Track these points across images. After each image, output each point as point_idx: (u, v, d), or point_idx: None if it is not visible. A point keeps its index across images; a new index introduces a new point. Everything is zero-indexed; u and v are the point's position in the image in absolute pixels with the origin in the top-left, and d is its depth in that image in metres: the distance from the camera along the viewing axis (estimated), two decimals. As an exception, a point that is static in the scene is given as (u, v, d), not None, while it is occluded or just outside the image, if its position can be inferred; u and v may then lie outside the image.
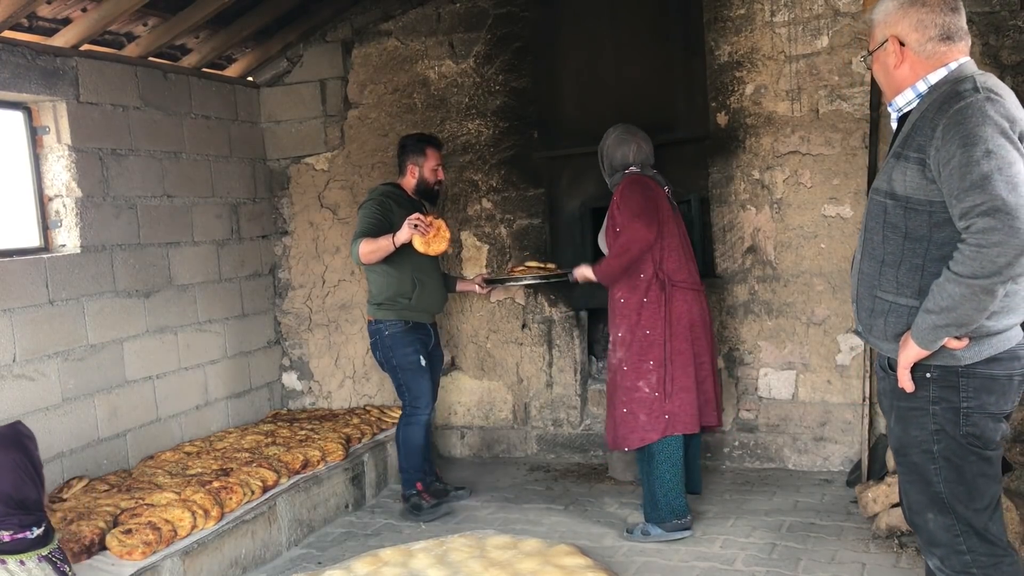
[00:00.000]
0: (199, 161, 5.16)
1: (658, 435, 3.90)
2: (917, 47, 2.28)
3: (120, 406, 4.52)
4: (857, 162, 4.58)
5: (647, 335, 3.90)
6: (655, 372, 3.90)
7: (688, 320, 3.94)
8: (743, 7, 4.76)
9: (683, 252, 3.99)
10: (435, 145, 4.61)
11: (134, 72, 4.69)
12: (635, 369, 3.93)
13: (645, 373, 3.92)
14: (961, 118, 2.11)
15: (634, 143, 4.03)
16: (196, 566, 3.64)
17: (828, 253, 4.71)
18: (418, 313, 4.51)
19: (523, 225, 5.34)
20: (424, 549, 3.87)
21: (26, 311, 4.03)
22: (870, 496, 3.85)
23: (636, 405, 3.93)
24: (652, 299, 3.90)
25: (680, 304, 3.92)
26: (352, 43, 5.58)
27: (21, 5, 3.72)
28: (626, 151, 4.03)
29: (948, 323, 2.14)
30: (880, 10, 2.34)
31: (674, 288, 3.92)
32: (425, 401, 4.52)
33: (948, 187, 2.11)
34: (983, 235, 2.03)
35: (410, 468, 4.56)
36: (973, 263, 2.06)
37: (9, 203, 4.32)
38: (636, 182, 3.92)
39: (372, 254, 4.26)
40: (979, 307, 2.10)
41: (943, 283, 2.12)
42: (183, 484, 4.02)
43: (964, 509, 2.26)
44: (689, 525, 4.00)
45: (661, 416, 3.90)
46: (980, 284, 2.06)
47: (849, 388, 4.71)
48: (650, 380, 3.92)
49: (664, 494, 3.94)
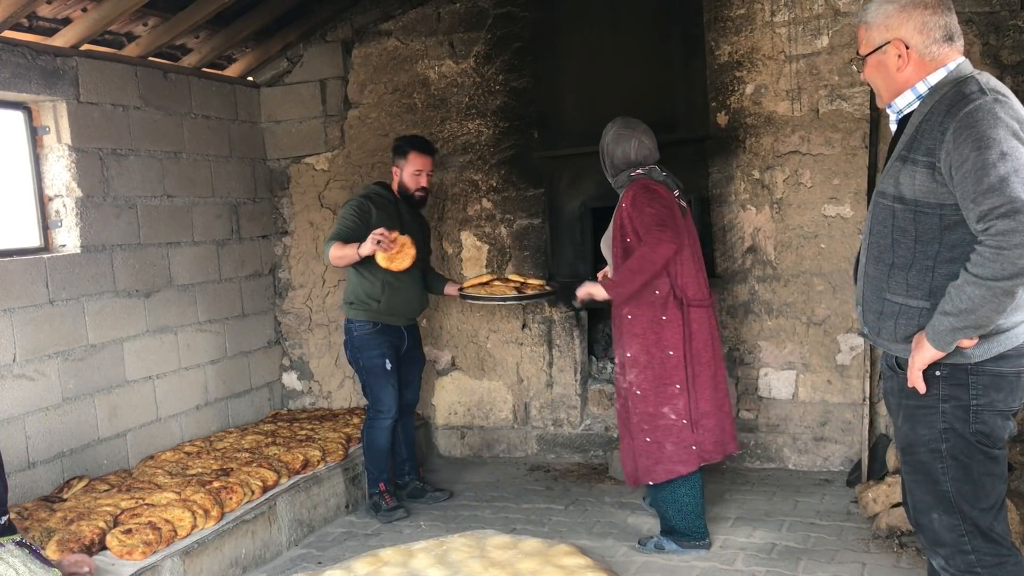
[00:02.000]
0: (199, 161, 5.16)
1: (687, 469, 3.63)
2: (922, 49, 2.28)
3: (120, 406, 4.52)
4: (857, 162, 4.58)
5: (670, 356, 3.60)
6: (681, 398, 3.61)
7: (703, 339, 3.66)
8: (743, 7, 4.76)
9: (695, 264, 3.71)
10: (420, 149, 4.48)
11: (134, 72, 4.69)
12: (657, 394, 3.63)
13: (670, 398, 3.62)
14: (972, 121, 2.11)
15: (634, 138, 3.71)
16: (196, 566, 3.64)
17: (828, 253, 4.71)
18: (388, 316, 4.47)
19: (523, 225, 5.34)
20: (424, 549, 3.87)
21: (26, 311, 4.03)
22: (870, 496, 3.85)
23: (661, 434, 3.64)
24: (671, 317, 3.59)
25: (695, 323, 3.64)
26: (352, 43, 5.58)
27: (21, 5, 3.72)
28: (627, 148, 3.72)
29: (967, 325, 2.14)
30: (876, 13, 2.32)
31: (690, 306, 3.64)
32: (387, 405, 4.46)
33: (963, 190, 2.11)
34: (1003, 237, 2.04)
35: (374, 469, 4.56)
36: (993, 265, 2.06)
37: (9, 203, 4.32)
38: (648, 189, 3.61)
39: (340, 260, 4.25)
40: (998, 308, 2.11)
41: (961, 285, 2.13)
42: (183, 484, 4.02)
43: (970, 508, 2.27)
44: (708, 546, 3.78)
45: (689, 447, 3.62)
46: (1000, 286, 2.07)
47: (849, 388, 4.71)
48: (676, 406, 3.62)
49: (683, 519, 3.75)
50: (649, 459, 3.67)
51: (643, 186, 3.62)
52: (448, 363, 5.58)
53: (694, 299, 3.66)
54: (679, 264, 3.63)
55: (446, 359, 5.59)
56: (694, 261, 3.71)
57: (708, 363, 3.68)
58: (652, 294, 3.61)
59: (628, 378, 3.70)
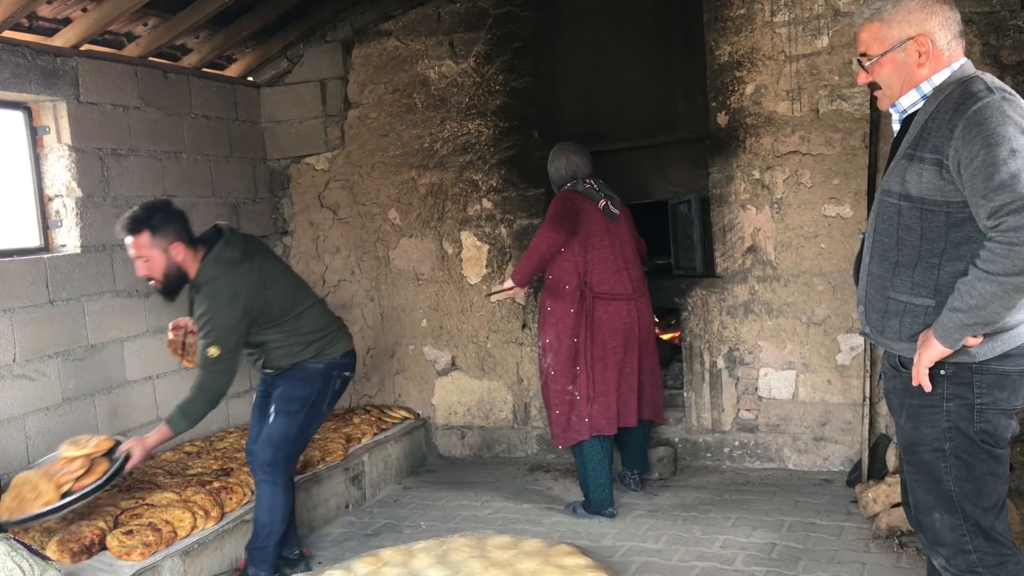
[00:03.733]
0: (199, 161, 5.16)
1: (583, 437, 4.26)
2: (944, 44, 2.29)
3: (120, 406, 4.52)
4: (857, 162, 4.58)
5: (574, 343, 4.24)
6: (580, 377, 4.25)
7: (611, 329, 4.24)
8: (743, 7, 4.76)
9: (611, 264, 4.26)
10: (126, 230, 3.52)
11: (134, 72, 4.69)
12: (564, 374, 4.27)
13: (574, 379, 4.26)
14: (981, 118, 2.12)
15: (563, 158, 4.33)
16: (196, 566, 3.64)
17: (828, 253, 4.71)
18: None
19: (523, 225, 5.34)
20: (424, 549, 3.87)
21: (26, 311, 4.03)
22: (870, 496, 3.85)
23: (567, 408, 4.28)
24: (578, 309, 4.22)
25: (602, 314, 4.23)
26: (352, 43, 5.58)
27: (21, 5, 3.72)
28: (558, 166, 4.35)
29: (976, 322, 2.15)
30: (894, 10, 2.31)
31: (596, 299, 4.22)
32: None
33: (972, 187, 2.12)
34: (1014, 233, 2.05)
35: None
36: (1005, 261, 2.07)
37: (9, 203, 4.32)
38: (561, 197, 4.26)
39: None
40: (1008, 305, 2.12)
41: (972, 282, 2.13)
42: (183, 484, 4.02)
43: (972, 508, 2.27)
44: (613, 514, 4.32)
45: (583, 419, 4.26)
46: (1011, 282, 2.08)
47: (849, 388, 4.71)
48: (578, 385, 4.26)
49: (592, 487, 4.31)
50: (559, 428, 4.33)
51: (560, 196, 4.28)
52: (448, 363, 5.58)
53: (605, 294, 4.24)
54: (589, 263, 4.22)
55: (446, 359, 5.59)
56: (612, 260, 4.27)
57: (616, 349, 4.26)
58: (564, 289, 4.23)
59: (546, 360, 4.32)
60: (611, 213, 4.32)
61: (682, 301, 5.03)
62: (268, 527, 3.68)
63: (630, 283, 4.33)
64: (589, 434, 4.26)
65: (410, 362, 5.67)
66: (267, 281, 3.61)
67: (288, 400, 3.72)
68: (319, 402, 3.77)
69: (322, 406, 3.80)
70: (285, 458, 3.72)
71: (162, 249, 3.49)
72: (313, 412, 3.77)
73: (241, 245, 3.64)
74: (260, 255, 3.69)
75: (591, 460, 4.29)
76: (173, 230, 3.50)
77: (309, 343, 3.73)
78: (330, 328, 3.83)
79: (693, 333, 5.03)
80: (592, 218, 4.24)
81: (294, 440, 3.75)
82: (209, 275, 3.52)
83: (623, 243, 4.36)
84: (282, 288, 3.69)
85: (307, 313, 3.75)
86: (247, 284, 3.54)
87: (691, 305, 5.01)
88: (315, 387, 3.74)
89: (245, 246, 3.65)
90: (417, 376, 5.67)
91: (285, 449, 3.71)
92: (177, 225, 3.52)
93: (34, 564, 2.96)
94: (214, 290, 3.50)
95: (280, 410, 3.72)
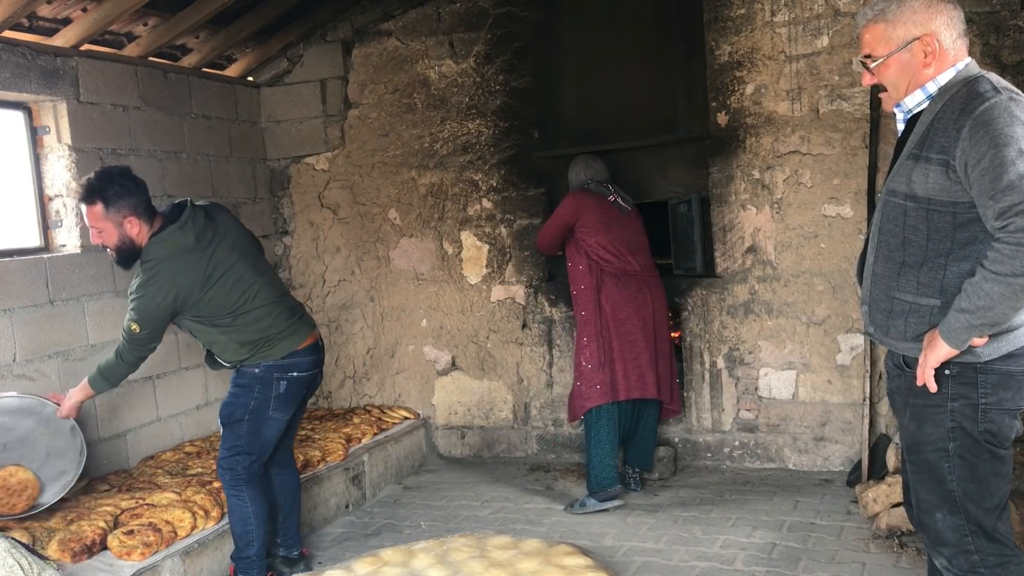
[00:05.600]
0: (199, 161, 5.16)
1: (593, 403, 4.38)
2: (949, 44, 2.29)
3: (120, 406, 4.52)
4: (857, 162, 4.58)
5: (582, 315, 4.48)
6: (589, 347, 4.41)
7: (621, 300, 4.41)
8: (743, 7, 4.76)
9: (620, 247, 4.46)
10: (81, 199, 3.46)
11: (134, 72, 4.69)
12: (581, 346, 4.48)
13: (582, 348, 4.46)
14: (988, 118, 2.12)
15: (582, 163, 4.62)
16: (196, 566, 3.65)
17: (828, 253, 4.71)
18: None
19: (523, 225, 5.34)
20: (425, 549, 3.87)
21: (26, 311, 4.03)
22: (870, 496, 3.85)
23: (581, 378, 4.45)
24: (587, 285, 4.45)
25: (611, 287, 4.41)
26: (352, 43, 5.58)
27: (21, 5, 3.72)
28: (578, 171, 4.61)
29: (983, 322, 2.15)
30: (899, 10, 2.31)
31: (604, 274, 4.43)
32: None
33: (980, 187, 2.12)
34: (1022, 234, 2.06)
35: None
36: (1012, 261, 2.07)
37: (9, 203, 4.32)
38: (571, 195, 4.53)
39: None
40: (1015, 306, 2.12)
41: (979, 282, 2.13)
42: (183, 484, 4.02)
43: (975, 508, 2.27)
44: (617, 495, 4.37)
45: (594, 386, 4.38)
46: (1019, 282, 2.08)
47: (849, 388, 4.71)
48: (586, 354, 4.43)
49: (597, 463, 4.36)
50: (572, 399, 4.53)
51: (571, 194, 4.57)
52: (448, 363, 5.58)
53: (614, 271, 4.45)
54: (598, 245, 4.44)
55: (446, 359, 5.59)
56: (622, 244, 4.48)
57: (626, 320, 4.41)
58: (578, 270, 4.50)
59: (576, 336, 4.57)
60: (621, 207, 4.53)
61: (682, 301, 5.03)
62: (245, 537, 3.61)
63: (639, 265, 4.51)
64: (599, 400, 4.35)
65: (410, 362, 5.67)
66: (211, 277, 3.42)
67: (228, 410, 3.60)
68: (261, 408, 3.56)
69: (267, 411, 3.57)
70: (245, 468, 3.57)
71: (116, 223, 3.36)
72: (258, 418, 3.56)
73: (198, 231, 3.44)
74: (218, 246, 3.49)
75: (599, 432, 4.36)
76: (128, 204, 3.36)
77: (244, 343, 3.52)
78: (275, 330, 3.56)
79: (693, 333, 5.03)
80: (601, 208, 4.46)
81: (246, 448, 3.57)
82: (152, 255, 3.39)
83: (632, 234, 4.54)
84: (227, 287, 3.47)
85: (250, 315, 3.51)
86: (186, 276, 3.38)
87: (691, 305, 5.02)
88: (252, 393, 3.55)
89: (203, 233, 3.46)
90: (417, 376, 5.67)
91: (243, 460, 3.56)
92: (134, 198, 3.37)
93: (33, 563, 2.98)
94: (152, 272, 3.37)
95: (223, 422, 3.61)
